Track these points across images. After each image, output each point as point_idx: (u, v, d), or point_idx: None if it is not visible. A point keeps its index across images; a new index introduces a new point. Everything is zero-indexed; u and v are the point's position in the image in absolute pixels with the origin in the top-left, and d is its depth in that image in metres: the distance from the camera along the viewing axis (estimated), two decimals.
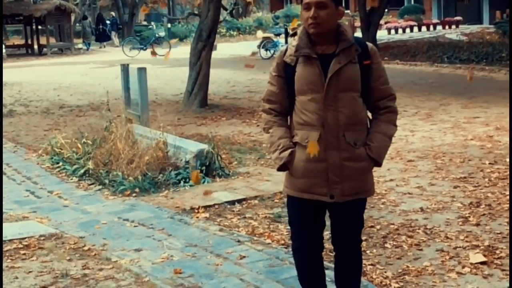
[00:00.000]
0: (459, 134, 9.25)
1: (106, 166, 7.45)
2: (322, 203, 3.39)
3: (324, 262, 3.77)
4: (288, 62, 3.35)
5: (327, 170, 3.30)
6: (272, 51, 23.57)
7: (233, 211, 6.09)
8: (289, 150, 3.35)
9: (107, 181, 7.07)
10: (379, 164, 3.40)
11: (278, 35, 26.16)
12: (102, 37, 35.19)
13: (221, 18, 25.51)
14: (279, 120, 3.44)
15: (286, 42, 24.52)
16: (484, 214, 5.69)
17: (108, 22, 36.16)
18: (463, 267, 4.54)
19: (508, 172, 6.99)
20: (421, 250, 4.91)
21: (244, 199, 6.37)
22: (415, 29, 33.14)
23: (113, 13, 37.49)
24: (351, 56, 3.30)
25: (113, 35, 35.68)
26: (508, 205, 5.87)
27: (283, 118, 3.46)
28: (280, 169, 3.40)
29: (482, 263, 4.58)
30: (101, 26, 35.04)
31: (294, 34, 3.42)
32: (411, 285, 4.29)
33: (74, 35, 33.23)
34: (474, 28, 31.99)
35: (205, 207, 6.15)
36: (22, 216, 6.11)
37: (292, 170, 3.37)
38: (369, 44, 3.41)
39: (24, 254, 5.05)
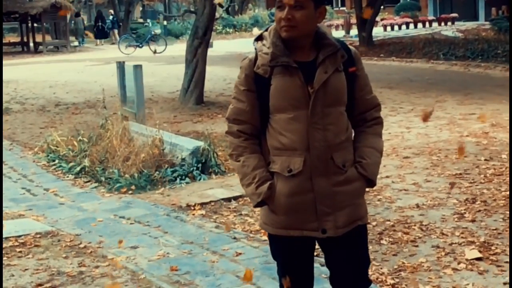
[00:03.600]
0: (454, 131, 9.26)
1: (102, 163, 7.45)
2: (313, 237, 2.86)
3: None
4: (261, 74, 2.76)
5: (315, 201, 2.75)
6: None
7: (229, 208, 6.09)
8: (268, 183, 2.77)
9: (103, 179, 7.07)
10: (373, 184, 2.88)
11: None
12: (101, 34, 35.11)
13: (217, 15, 25.49)
14: (251, 145, 2.83)
15: None
16: (479, 211, 5.70)
17: (109, 20, 35.98)
18: (459, 263, 4.55)
19: (503, 169, 7.01)
20: (416, 246, 4.92)
21: (240, 196, 6.36)
22: (411, 25, 33.17)
23: (112, 11, 37.44)
24: (337, 64, 2.77)
25: (115, 32, 35.48)
26: (503, 201, 5.88)
27: (255, 141, 2.85)
28: (257, 205, 2.83)
29: (478, 259, 4.60)
30: (100, 23, 34.97)
31: (260, 38, 2.84)
32: (407, 281, 4.30)
33: (69, 33, 33.16)
34: (470, 25, 32.03)
35: (201, 204, 6.16)
36: (18, 214, 6.11)
37: (272, 205, 2.80)
38: (352, 48, 2.89)
39: (20, 251, 5.05)
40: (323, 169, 2.75)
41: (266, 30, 2.84)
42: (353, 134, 2.91)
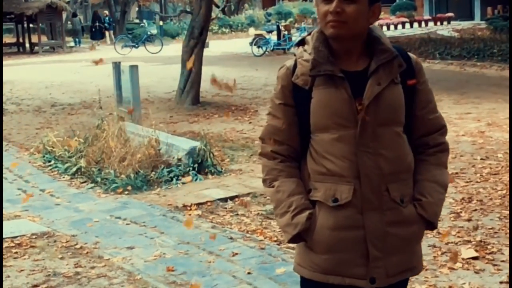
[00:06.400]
0: (450, 130, 9.19)
1: (98, 164, 7.44)
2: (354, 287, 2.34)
3: None
4: (300, 85, 2.29)
5: (365, 241, 2.26)
6: (264, 48, 23.55)
7: (226, 208, 6.09)
8: (306, 213, 2.29)
9: (99, 179, 7.05)
10: (433, 227, 2.44)
11: (270, 32, 26.19)
12: (98, 35, 35.04)
13: (213, 15, 25.49)
14: (288, 168, 2.37)
15: (278, 39, 24.50)
16: (475, 210, 5.71)
17: (106, 21, 35.87)
18: (455, 262, 4.56)
19: (499, 168, 7.02)
20: None
21: (236, 196, 6.37)
22: (407, 25, 33.20)
23: (107, 12, 37.39)
24: (393, 74, 2.28)
25: (111, 33, 35.34)
26: (499, 200, 5.90)
27: (293, 164, 2.38)
28: (292, 240, 2.33)
29: (474, 258, 4.61)
30: (97, 24, 34.90)
31: (302, 43, 2.37)
32: None
33: (65, 33, 33.12)
34: (465, 24, 32.07)
35: (198, 204, 6.15)
36: (14, 214, 6.09)
37: (311, 241, 2.31)
38: (413, 56, 2.39)
39: (16, 252, 5.04)
40: (377, 202, 2.27)
41: (309, 34, 2.37)
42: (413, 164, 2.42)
